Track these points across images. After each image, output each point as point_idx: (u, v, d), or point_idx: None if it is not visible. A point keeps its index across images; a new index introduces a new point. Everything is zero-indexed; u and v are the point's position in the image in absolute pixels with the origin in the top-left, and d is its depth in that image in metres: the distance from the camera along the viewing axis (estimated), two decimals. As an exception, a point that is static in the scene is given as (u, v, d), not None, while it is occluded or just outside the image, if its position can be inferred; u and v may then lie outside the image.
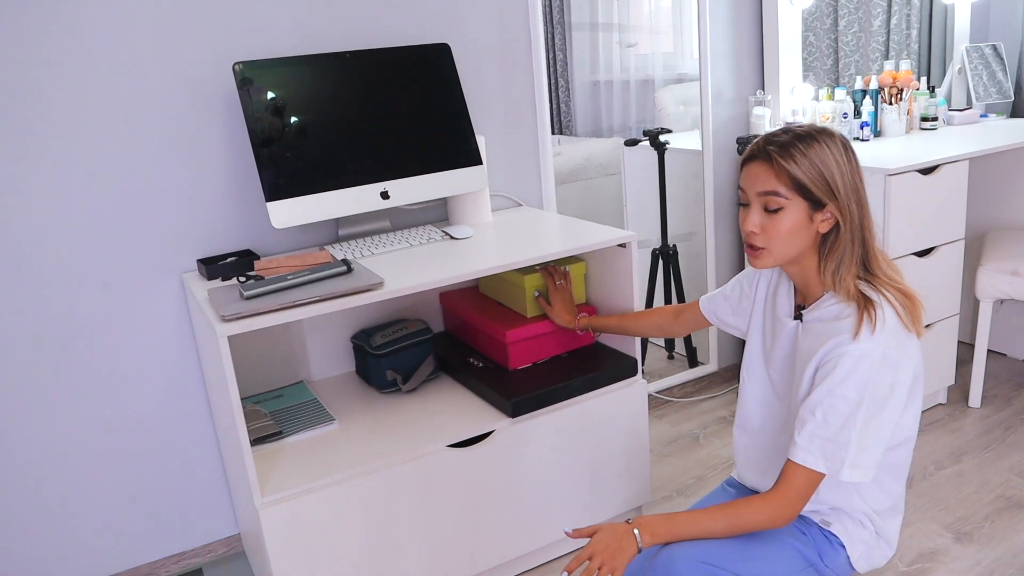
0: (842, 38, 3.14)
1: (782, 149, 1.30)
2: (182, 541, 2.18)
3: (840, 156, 1.31)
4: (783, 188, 1.30)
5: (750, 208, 1.35)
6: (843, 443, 1.28)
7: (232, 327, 1.55)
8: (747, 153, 1.36)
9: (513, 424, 1.92)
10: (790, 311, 1.46)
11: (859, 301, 1.31)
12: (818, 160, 1.29)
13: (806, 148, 1.29)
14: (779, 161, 1.30)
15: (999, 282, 2.57)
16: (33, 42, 1.78)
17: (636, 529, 1.33)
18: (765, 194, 1.32)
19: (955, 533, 2.09)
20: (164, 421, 2.09)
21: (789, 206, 1.31)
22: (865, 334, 1.28)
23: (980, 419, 2.66)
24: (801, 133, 1.32)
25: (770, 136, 1.34)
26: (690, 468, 2.51)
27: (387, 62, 2.09)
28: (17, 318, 1.88)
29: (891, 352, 1.29)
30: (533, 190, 2.49)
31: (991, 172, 2.98)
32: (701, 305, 1.73)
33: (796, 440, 1.31)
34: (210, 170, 2.02)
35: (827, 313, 1.36)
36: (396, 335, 2.11)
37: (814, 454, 1.30)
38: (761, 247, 1.35)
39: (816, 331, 1.37)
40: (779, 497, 1.32)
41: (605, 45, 3.89)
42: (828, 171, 1.29)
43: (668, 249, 2.96)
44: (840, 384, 1.28)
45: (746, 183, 1.35)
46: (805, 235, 1.33)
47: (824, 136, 1.31)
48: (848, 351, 1.28)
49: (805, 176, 1.29)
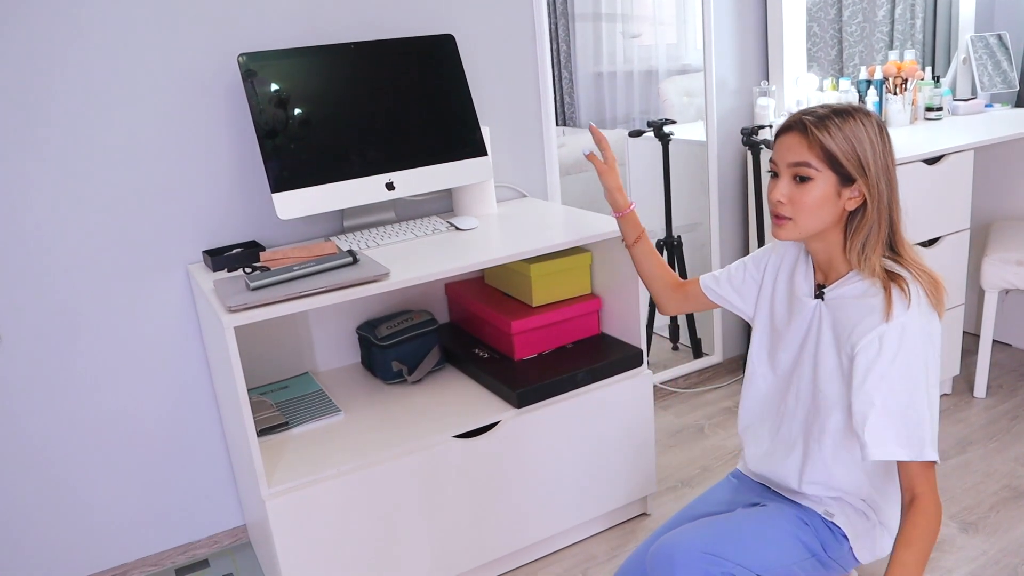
0: (846, 28, 3.12)
1: (818, 120, 1.31)
2: (188, 532, 2.19)
3: (874, 135, 1.31)
4: (814, 159, 1.30)
5: (779, 179, 1.36)
6: (915, 423, 1.25)
7: (238, 318, 1.56)
8: (782, 125, 1.37)
9: (519, 415, 1.92)
10: (810, 291, 1.45)
11: (885, 278, 1.30)
12: (852, 135, 1.29)
13: (841, 122, 1.30)
14: (814, 132, 1.30)
15: (1004, 272, 2.56)
16: (39, 36, 1.78)
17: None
18: (796, 164, 1.32)
19: (960, 523, 2.09)
20: (170, 412, 2.09)
21: (819, 178, 1.31)
22: (900, 309, 1.27)
23: (985, 409, 2.66)
24: (838, 108, 1.32)
25: (807, 109, 1.35)
26: (695, 459, 2.51)
27: (392, 53, 2.08)
28: (24, 310, 1.88)
29: (927, 326, 1.28)
30: (538, 181, 2.48)
31: (996, 162, 2.97)
32: (701, 281, 1.68)
33: (864, 440, 1.26)
34: (215, 161, 2.02)
35: (852, 290, 1.35)
36: (401, 326, 2.11)
37: (887, 444, 1.25)
38: (787, 217, 1.35)
39: (842, 308, 1.36)
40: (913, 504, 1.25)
41: (608, 36, 3.87)
42: (861, 147, 1.30)
43: (673, 240, 2.95)
44: (891, 365, 1.26)
45: (778, 154, 1.36)
46: (832, 209, 1.33)
47: (860, 114, 1.32)
48: (888, 331, 1.26)
49: (838, 149, 1.29)
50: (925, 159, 2.36)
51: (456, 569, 1.92)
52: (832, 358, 1.37)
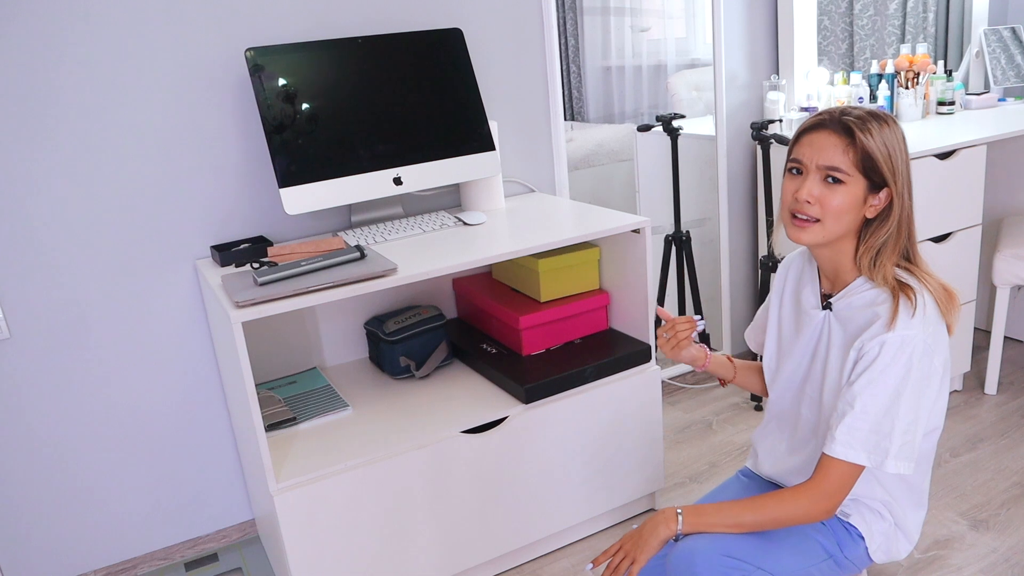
0: (857, 21, 3.10)
1: (861, 122, 1.27)
2: (197, 526, 2.20)
3: (902, 143, 1.30)
4: (849, 163, 1.27)
5: (805, 177, 1.30)
6: (885, 433, 1.26)
7: (247, 313, 1.56)
8: (813, 121, 1.32)
9: (527, 410, 1.92)
10: (817, 303, 1.43)
11: (895, 287, 1.29)
12: (887, 141, 1.28)
13: (879, 127, 1.27)
14: (858, 134, 1.26)
15: (1016, 268, 2.54)
16: (47, 32, 1.78)
17: (680, 511, 1.34)
18: (831, 167, 1.28)
19: (971, 520, 2.08)
20: (178, 407, 2.10)
21: (850, 182, 1.28)
22: (904, 320, 1.25)
23: (996, 406, 2.64)
24: (873, 113, 1.29)
25: (841, 109, 1.30)
26: (703, 455, 2.51)
27: (399, 47, 2.08)
28: (33, 305, 1.89)
29: (929, 339, 1.27)
30: (546, 176, 2.48)
31: (1009, 157, 2.94)
32: (746, 338, 1.71)
33: (834, 434, 1.28)
34: (223, 157, 2.02)
35: (860, 299, 1.34)
36: (409, 321, 2.11)
37: (854, 447, 1.27)
38: (815, 219, 1.30)
39: (850, 318, 1.35)
40: (816, 490, 1.29)
41: (617, 30, 3.85)
42: (894, 154, 1.28)
43: (681, 235, 2.94)
44: (882, 374, 1.25)
45: (807, 152, 1.30)
46: (855, 215, 1.30)
47: (890, 120, 1.30)
48: (889, 339, 1.25)
49: (879, 153, 1.26)
50: (937, 154, 2.35)
51: (464, 564, 1.92)
52: (837, 371, 1.36)
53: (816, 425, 1.45)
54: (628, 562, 1.34)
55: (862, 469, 1.29)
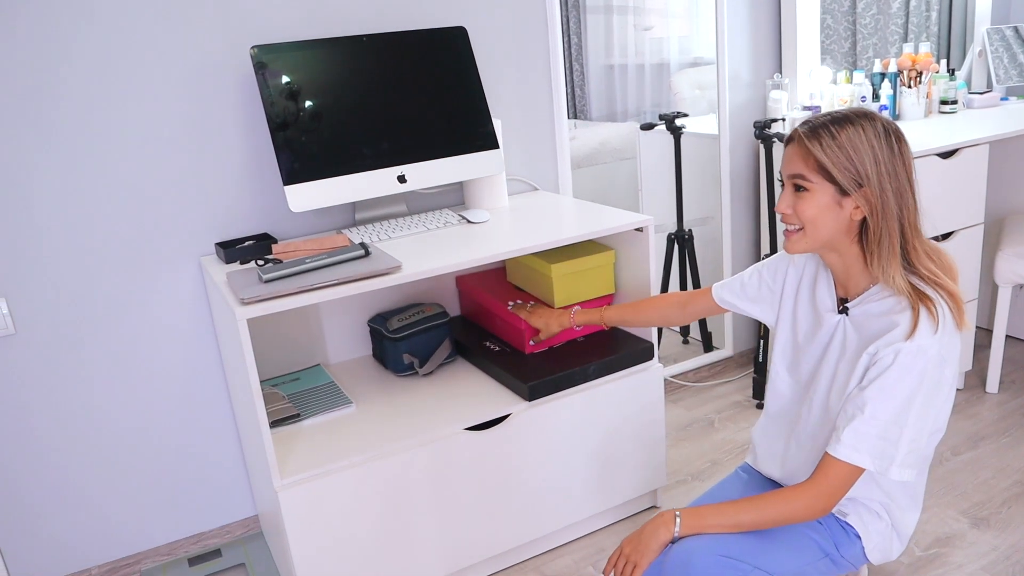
0: (860, 20, 3.10)
1: (810, 131, 1.29)
2: (201, 522, 2.21)
3: (877, 141, 1.26)
4: (808, 171, 1.29)
5: (784, 189, 1.36)
6: (893, 441, 1.26)
7: (251, 310, 1.56)
8: (788, 135, 1.36)
9: (530, 407, 1.92)
10: (832, 305, 1.43)
11: (913, 296, 1.27)
12: (848, 144, 1.26)
13: (837, 130, 1.27)
14: (804, 143, 1.29)
15: (1018, 267, 2.54)
16: (51, 29, 1.79)
17: (678, 514, 1.35)
18: (792, 176, 1.32)
19: (972, 518, 2.08)
20: (183, 404, 2.11)
21: (815, 189, 1.30)
22: (926, 331, 1.25)
23: (997, 405, 2.64)
24: (837, 116, 1.29)
25: (809, 118, 1.33)
26: (705, 452, 2.51)
27: (404, 45, 2.08)
28: (37, 301, 1.90)
29: (944, 350, 1.27)
30: (549, 174, 2.48)
31: (1011, 156, 2.95)
32: (714, 293, 1.68)
33: (841, 437, 1.28)
34: (227, 154, 2.03)
35: (878, 307, 1.33)
36: (413, 319, 2.12)
37: (860, 451, 1.27)
38: (798, 228, 1.34)
39: (867, 325, 1.34)
40: (815, 489, 1.30)
41: (620, 28, 3.86)
42: (858, 156, 1.26)
43: (684, 234, 2.94)
44: (895, 382, 1.25)
45: (783, 166, 1.36)
46: (835, 220, 1.31)
47: (863, 120, 1.27)
48: (906, 348, 1.25)
49: (828, 160, 1.27)
50: (940, 153, 2.35)
51: (466, 560, 1.93)
52: (846, 375, 1.36)
53: (816, 426, 1.45)
54: (631, 567, 1.35)
55: (861, 472, 1.30)
